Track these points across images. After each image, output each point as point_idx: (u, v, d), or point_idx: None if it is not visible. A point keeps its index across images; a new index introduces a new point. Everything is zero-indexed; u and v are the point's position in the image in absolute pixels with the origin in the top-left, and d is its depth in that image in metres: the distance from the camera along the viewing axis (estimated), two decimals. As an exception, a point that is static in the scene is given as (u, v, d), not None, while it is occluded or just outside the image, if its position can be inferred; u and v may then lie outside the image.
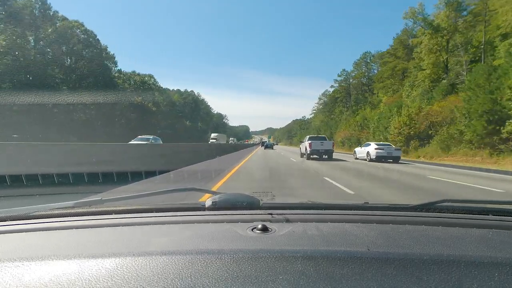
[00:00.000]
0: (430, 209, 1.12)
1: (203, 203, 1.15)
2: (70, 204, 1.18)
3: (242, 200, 1.15)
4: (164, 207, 1.19)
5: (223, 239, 0.81)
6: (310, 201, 1.32)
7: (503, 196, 6.90)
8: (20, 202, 3.66)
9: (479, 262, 0.66)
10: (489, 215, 1.08)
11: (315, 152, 18.92)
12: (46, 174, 5.72)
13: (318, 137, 21.61)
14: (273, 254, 0.67)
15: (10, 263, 0.67)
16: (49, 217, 1.08)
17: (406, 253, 0.71)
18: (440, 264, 0.64)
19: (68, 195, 5.00)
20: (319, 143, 19.24)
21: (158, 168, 8.23)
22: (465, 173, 12.34)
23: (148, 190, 1.30)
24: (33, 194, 4.90)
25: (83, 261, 0.67)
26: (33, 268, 0.66)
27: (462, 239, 0.84)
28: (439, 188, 7.89)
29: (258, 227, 0.86)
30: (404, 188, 7.76)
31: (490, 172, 12.54)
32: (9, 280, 0.62)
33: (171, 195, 1.37)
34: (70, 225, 0.99)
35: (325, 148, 19.23)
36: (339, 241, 0.79)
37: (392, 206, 1.21)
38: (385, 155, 17.79)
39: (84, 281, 0.60)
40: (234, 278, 0.59)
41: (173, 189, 1.37)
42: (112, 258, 0.67)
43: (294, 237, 0.81)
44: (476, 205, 1.18)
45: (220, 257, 0.66)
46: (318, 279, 0.59)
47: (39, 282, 0.61)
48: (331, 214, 1.09)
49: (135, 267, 0.64)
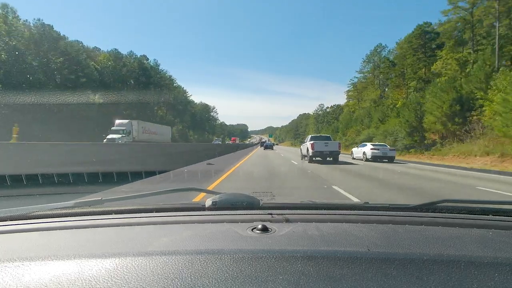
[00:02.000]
0: (430, 209, 1.12)
1: (203, 203, 1.15)
2: (70, 204, 1.18)
3: (242, 200, 1.15)
4: (164, 207, 1.19)
5: (223, 239, 0.81)
6: (310, 201, 1.32)
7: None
8: (20, 202, 3.67)
9: (479, 262, 0.66)
10: (489, 215, 1.08)
11: (318, 154, 16.60)
12: (46, 174, 5.72)
13: (321, 136, 19.41)
14: (273, 254, 0.67)
15: (10, 263, 0.67)
16: (49, 217, 1.08)
17: (406, 253, 0.71)
18: (440, 264, 0.64)
19: (68, 195, 5.00)
20: (323, 144, 16.84)
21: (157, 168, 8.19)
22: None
23: (148, 189, 1.31)
24: (33, 194, 4.91)
25: (83, 261, 0.67)
26: (33, 268, 0.66)
27: (462, 239, 0.84)
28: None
29: (258, 227, 0.87)
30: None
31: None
32: (9, 280, 0.62)
33: (171, 195, 1.37)
34: (70, 225, 1.00)
35: (330, 149, 16.76)
36: (339, 241, 0.79)
37: (392, 206, 1.21)
38: (380, 155, 18.37)
39: (84, 281, 0.60)
40: (234, 278, 0.59)
41: (174, 189, 1.37)
42: (112, 258, 0.67)
43: (294, 237, 0.81)
44: (476, 205, 1.18)
45: (220, 257, 0.66)
46: (318, 279, 0.59)
47: (39, 282, 0.61)
48: (331, 214, 1.09)
49: (135, 267, 0.64)
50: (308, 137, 19.63)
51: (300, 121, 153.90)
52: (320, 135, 21.13)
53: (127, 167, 7.85)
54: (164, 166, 10.65)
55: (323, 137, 19.28)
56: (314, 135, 19.96)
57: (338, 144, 17.70)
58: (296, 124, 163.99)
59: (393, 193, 7.03)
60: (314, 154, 16.49)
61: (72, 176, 5.93)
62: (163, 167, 10.16)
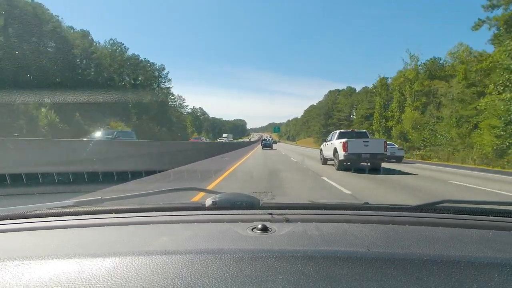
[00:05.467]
0: (430, 210, 1.12)
1: (203, 203, 1.15)
2: (70, 203, 1.18)
3: (242, 200, 1.15)
4: (164, 207, 1.19)
5: (223, 239, 0.81)
6: (310, 201, 1.32)
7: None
8: (20, 201, 3.67)
9: (479, 262, 0.66)
10: (489, 215, 1.08)
11: (354, 158, 11.33)
12: (46, 173, 5.72)
13: (354, 132, 13.96)
14: (273, 254, 0.67)
15: (10, 262, 0.67)
16: (49, 216, 1.08)
17: (406, 253, 0.71)
18: (440, 265, 0.64)
19: (68, 194, 5.00)
20: (361, 143, 11.49)
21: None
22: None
23: (146, 188, 1.30)
24: (33, 193, 4.90)
25: (83, 260, 0.67)
26: (33, 267, 0.65)
27: (462, 239, 0.84)
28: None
29: (258, 227, 0.87)
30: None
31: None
32: (9, 279, 0.62)
33: (171, 195, 1.37)
34: (70, 224, 0.99)
35: (372, 151, 11.39)
36: (339, 241, 0.79)
37: (392, 206, 1.21)
38: (388, 154, 16.81)
39: (84, 281, 0.60)
40: (234, 278, 0.59)
41: (174, 188, 1.37)
42: (112, 258, 0.67)
43: (294, 237, 0.81)
44: (476, 206, 1.18)
45: (220, 256, 0.66)
46: (318, 279, 0.59)
47: (38, 281, 0.61)
48: (331, 214, 1.09)
49: (135, 266, 0.64)
50: (334, 134, 14.27)
51: (335, 99, 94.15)
52: (351, 130, 15.02)
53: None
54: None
55: (358, 133, 13.91)
56: (344, 131, 14.41)
57: (383, 143, 11.87)
58: (327, 105, 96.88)
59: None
60: (347, 157, 11.27)
61: (72, 174, 5.92)
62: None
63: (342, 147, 11.37)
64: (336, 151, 12.08)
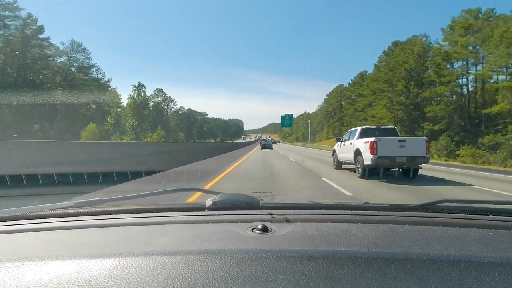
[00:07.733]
0: (430, 209, 1.12)
1: (203, 203, 1.15)
2: (70, 204, 1.18)
3: (242, 200, 1.15)
4: (164, 207, 1.19)
5: (223, 239, 0.81)
6: (310, 201, 1.32)
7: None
8: (20, 202, 3.66)
9: (479, 262, 0.66)
10: (489, 215, 1.08)
11: (386, 163, 8.58)
12: (46, 174, 5.72)
13: (382, 129, 10.91)
14: (273, 254, 0.67)
15: (10, 263, 0.67)
16: (49, 217, 1.08)
17: (406, 253, 0.71)
18: (440, 264, 0.64)
19: (68, 195, 5.00)
20: (395, 143, 8.66)
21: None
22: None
23: (145, 189, 1.30)
24: (33, 194, 4.90)
25: (83, 261, 0.67)
26: (33, 268, 0.65)
27: (462, 239, 0.83)
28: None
29: (258, 227, 0.87)
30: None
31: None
32: (9, 280, 0.62)
33: (171, 195, 1.37)
34: (71, 225, 1.00)
35: (410, 153, 8.54)
36: (339, 241, 0.79)
37: (392, 206, 1.21)
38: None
39: (84, 281, 0.60)
40: (234, 278, 0.59)
41: (174, 189, 1.37)
42: (112, 258, 0.67)
43: (294, 237, 0.81)
44: (476, 205, 1.18)
45: (220, 257, 0.66)
46: (318, 279, 0.59)
47: (39, 282, 0.61)
48: (331, 214, 1.09)
49: (135, 267, 0.64)
50: (353, 131, 11.02)
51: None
52: (376, 126, 11.91)
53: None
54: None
55: (386, 129, 10.94)
56: (367, 127, 11.11)
57: (425, 143, 8.80)
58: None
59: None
60: (376, 162, 8.44)
61: (72, 175, 5.92)
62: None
63: (368, 148, 8.53)
64: (358, 153, 9.20)
